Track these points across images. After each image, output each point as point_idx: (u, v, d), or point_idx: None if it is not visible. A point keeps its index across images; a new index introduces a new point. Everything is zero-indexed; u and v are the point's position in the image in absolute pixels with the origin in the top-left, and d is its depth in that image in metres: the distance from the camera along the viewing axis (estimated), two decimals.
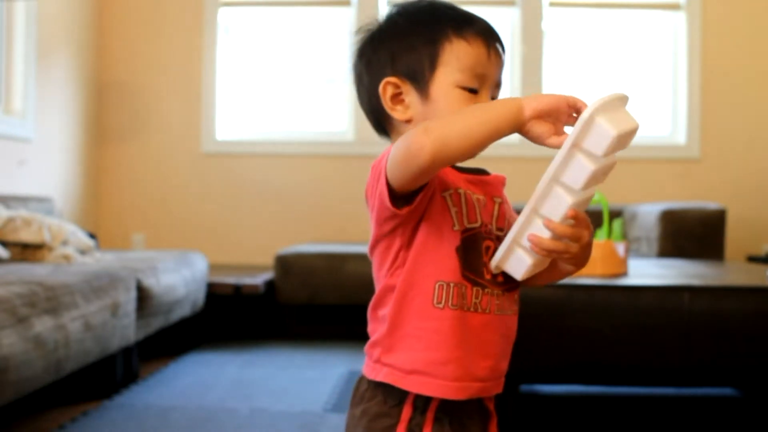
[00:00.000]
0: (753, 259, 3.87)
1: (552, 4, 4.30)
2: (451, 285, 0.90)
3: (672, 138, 4.32)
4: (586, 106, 0.81)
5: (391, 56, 0.95)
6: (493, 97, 0.96)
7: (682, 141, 4.27)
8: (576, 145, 0.80)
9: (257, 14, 4.47)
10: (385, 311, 0.92)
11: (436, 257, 0.90)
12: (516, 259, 0.90)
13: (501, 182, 0.99)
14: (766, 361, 2.03)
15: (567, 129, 0.85)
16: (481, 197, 0.94)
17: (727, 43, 4.26)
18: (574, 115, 0.85)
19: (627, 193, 4.08)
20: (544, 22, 4.28)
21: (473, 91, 0.93)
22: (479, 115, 0.84)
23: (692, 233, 3.42)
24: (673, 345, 2.01)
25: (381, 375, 0.92)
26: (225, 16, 4.37)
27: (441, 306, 0.90)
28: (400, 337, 0.91)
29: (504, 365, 0.96)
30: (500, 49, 0.96)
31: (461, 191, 0.92)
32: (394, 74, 0.95)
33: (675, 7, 4.29)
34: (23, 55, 3.57)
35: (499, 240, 0.93)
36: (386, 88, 0.95)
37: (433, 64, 0.93)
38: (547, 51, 4.29)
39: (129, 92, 4.34)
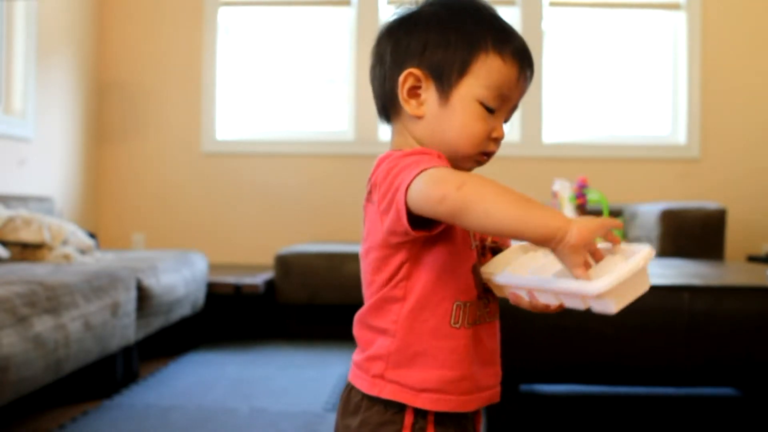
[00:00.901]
0: (753, 258, 3.87)
1: (552, 4, 4.30)
2: (468, 304, 0.90)
3: (672, 138, 4.32)
4: (618, 230, 0.82)
5: (424, 46, 0.91)
6: (506, 120, 0.94)
7: (682, 141, 4.27)
8: (583, 297, 0.80)
9: (257, 14, 4.47)
10: (386, 324, 0.89)
11: (455, 278, 0.89)
12: (499, 290, 0.92)
13: None
14: (766, 361, 2.03)
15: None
16: None
17: (727, 43, 4.25)
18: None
19: (627, 193, 4.08)
20: (544, 22, 4.28)
21: (491, 111, 0.91)
22: (519, 209, 0.78)
23: (692, 233, 3.42)
24: (673, 345, 2.01)
25: (386, 392, 0.88)
26: (225, 16, 4.37)
27: (458, 326, 0.89)
28: (412, 355, 0.88)
29: (500, 369, 0.96)
30: (529, 73, 0.94)
31: None
32: (419, 66, 0.90)
33: (675, 6, 4.29)
34: (23, 54, 3.56)
35: (487, 250, 0.95)
36: (408, 78, 0.91)
37: (462, 70, 0.90)
38: (548, 51, 4.29)
39: (129, 92, 4.34)
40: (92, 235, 3.31)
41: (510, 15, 4.30)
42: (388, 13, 0.98)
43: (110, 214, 4.34)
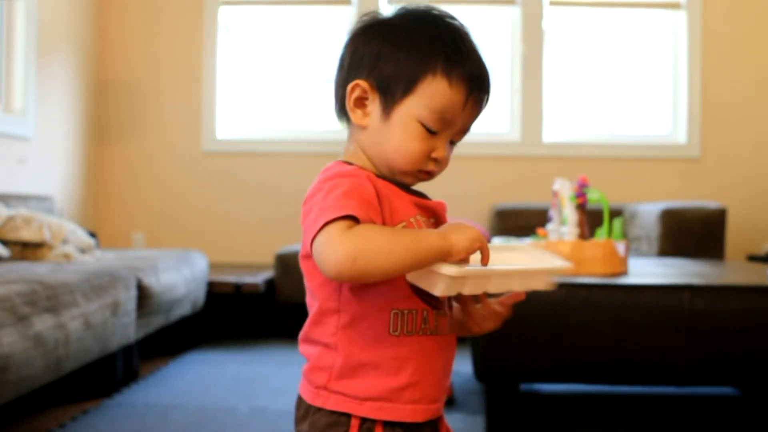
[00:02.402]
0: (753, 258, 3.87)
1: (552, 3, 4.30)
2: (405, 312, 0.89)
3: (672, 137, 4.32)
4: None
5: (376, 58, 0.91)
6: (453, 142, 0.94)
7: (682, 140, 4.27)
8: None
9: (257, 13, 4.47)
10: (326, 337, 0.90)
11: (390, 287, 0.88)
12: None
13: (444, 209, 0.98)
14: (766, 361, 2.03)
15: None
16: (425, 220, 0.94)
17: (728, 42, 4.25)
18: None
19: (627, 192, 4.08)
20: (545, 21, 4.27)
21: (432, 132, 0.90)
22: (410, 251, 0.82)
23: (692, 232, 3.42)
24: (673, 344, 2.02)
25: (330, 403, 0.89)
26: (225, 15, 4.37)
27: (397, 334, 0.89)
28: (354, 366, 0.88)
29: (448, 383, 0.97)
30: (482, 98, 0.93)
31: (413, 220, 0.91)
32: (368, 78, 0.91)
33: (675, 6, 4.29)
34: (23, 53, 3.56)
35: None
36: (355, 89, 0.92)
37: (407, 89, 0.89)
38: (548, 50, 4.29)
39: (129, 91, 4.34)
40: (92, 234, 3.31)
41: (510, 14, 4.31)
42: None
43: (110, 213, 4.34)
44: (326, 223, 0.82)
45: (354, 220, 0.83)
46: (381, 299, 0.88)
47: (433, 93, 0.89)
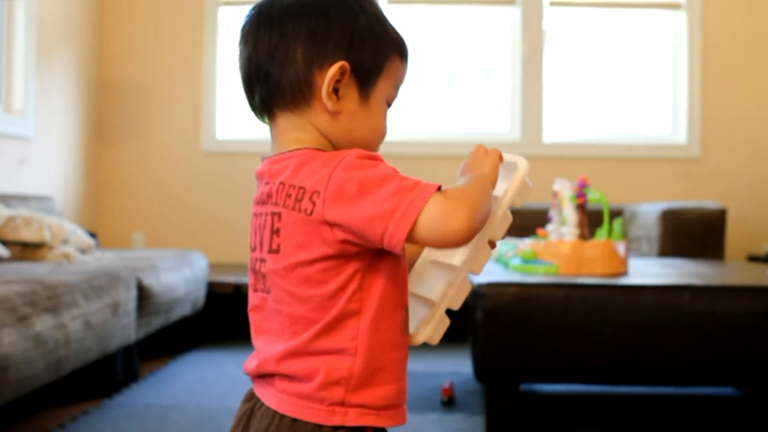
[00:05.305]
0: (753, 258, 3.88)
1: (552, 4, 4.30)
2: (406, 309, 0.88)
3: (672, 137, 4.32)
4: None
5: (350, 39, 0.86)
6: None
7: (682, 140, 4.27)
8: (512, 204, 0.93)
9: None
10: (343, 343, 0.82)
11: (403, 282, 0.87)
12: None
13: None
14: (766, 361, 2.04)
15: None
16: None
17: (728, 43, 4.25)
18: None
19: (627, 193, 4.08)
20: (545, 22, 4.27)
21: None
22: (488, 194, 0.86)
23: (693, 233, 3.42)
24: (673, 345, 2.02)
25: (350, 418, 0.82)
26: (225, 15, 4.37)
27: (405, 333, 0.88)
28: (373, 372, 0.83)
29: None
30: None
31: None
32: (347, 60, 0.85)
33: (675, 6, 4.29)
34: (24, 53, 3.56)
35: None
36: (338, 72, 0.85)
37: (379, 70, 0.88)
38: (548, 50, 4.29)
39: (129, 91, 4.34)
40: (92, 235, 3.31)
41: (510, 14, 4.31)
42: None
43: (110, 214, 4.34)
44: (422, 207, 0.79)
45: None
46: (398, 296, 0.86)
47: (395, 71, 0.91)
